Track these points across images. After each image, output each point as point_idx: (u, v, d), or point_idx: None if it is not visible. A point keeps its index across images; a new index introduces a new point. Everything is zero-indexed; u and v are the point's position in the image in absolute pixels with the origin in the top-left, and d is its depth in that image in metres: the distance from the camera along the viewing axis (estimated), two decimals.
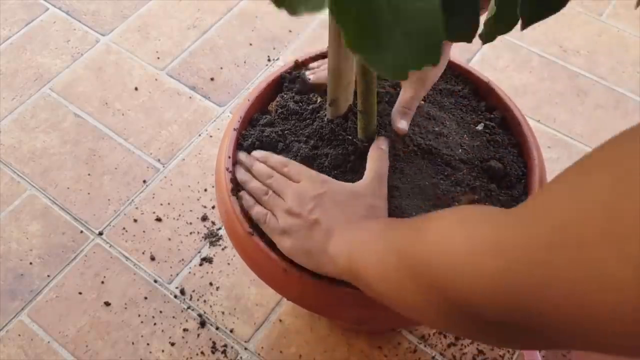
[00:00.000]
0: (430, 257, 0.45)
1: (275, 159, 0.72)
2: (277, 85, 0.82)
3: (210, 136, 1.12)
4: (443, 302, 0.43)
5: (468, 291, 0.40)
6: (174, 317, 0.93)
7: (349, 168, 0.71)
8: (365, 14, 0.40)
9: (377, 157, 0.69)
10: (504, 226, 0.39)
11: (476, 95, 0.82)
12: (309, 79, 0.79)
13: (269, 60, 1.22)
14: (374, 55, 0.41)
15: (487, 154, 0.76)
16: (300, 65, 0.83)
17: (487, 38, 0.55)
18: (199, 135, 1.12)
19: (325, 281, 0.66)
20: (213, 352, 0.90)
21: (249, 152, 0.76)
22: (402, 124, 0.71)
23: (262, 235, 0.69)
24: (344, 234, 0.61)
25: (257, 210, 0.69)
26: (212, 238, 1.00)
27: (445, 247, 0.43)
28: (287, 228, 0.65)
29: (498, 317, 0.38)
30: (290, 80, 0.81)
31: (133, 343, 0.91)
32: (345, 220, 0.63)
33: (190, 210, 1.03)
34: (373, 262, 0.54)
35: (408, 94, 0.72)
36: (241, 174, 0.72)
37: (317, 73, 0.79)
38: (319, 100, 0.78)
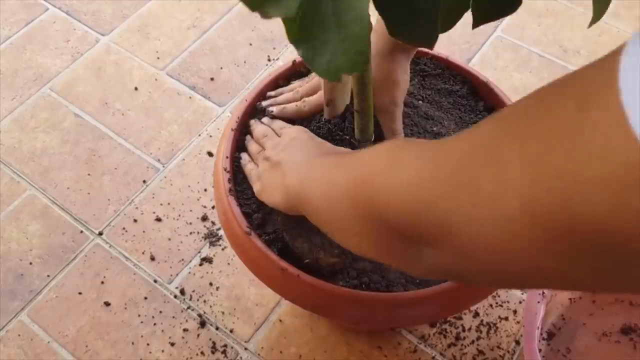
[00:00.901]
0: (362, 174, 0.48)
1: (277, 123, 0.75)
2: (276, 86, 0.82)
3: (210, 136, 1.12)
4: (367, 214, 0.46)
5: (388, 200, 0.43)
6: (173, 317, 0.93)
7: None
8: (310, 15, 0.42)
9: None
10: (422, 158, 0.42)
11: (475, 95, 0.82)
12: (272, 112, 0.78)
13: (269, 60, 1.22)
14: (312, 54, 0.44)
15: None
16: (298, 66, 0.83)
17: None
18: (199, 135, 1.12)
19: (323, 281, 0.66)
20: (213, 352, 0.90)
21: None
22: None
23: (260, 235, 0.69)
24: (299, 168, 0.63)
25: (248, 168, 0.73)
26: (212, 238, 1.00)
27: (376, 164, 0.47)
28: (260, 172, 0.69)
29: (407, 224, 0.41)
30: (260, 111, 0.80)
31: (133, 343, 0.91)
32: (305, 159, 0.64)
33: (190, 210, 1.03)
34: (320, 191, 0.57)
35: (388, 119, 0.73)
36: (247, 140, 0.76)
37: (281, 107, 0.78)
38: None
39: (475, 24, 0.54)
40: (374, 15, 0.48)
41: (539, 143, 0.31)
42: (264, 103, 0.79)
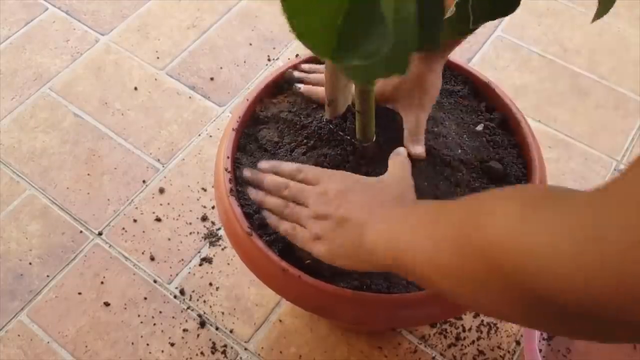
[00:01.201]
0: (502, 244, 0.41)
1: (286, 167, 0.69)
2: (276, 85, 0.81)
3: (210, 136, 1.12)
4: (520, 292, 0.40)
5: (551, 281, 0.37)
6: (173, 317, 0.93)
7: (347, 168, 0.71)
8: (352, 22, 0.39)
9: (398, 160, 0.68)
10: (585, 211, 0.36)
11: (476, 96, 0.82)
12: (299, 89, 0.78)
13: (268, 60, 1.22)
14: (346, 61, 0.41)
15: (486, 155, 0.75)
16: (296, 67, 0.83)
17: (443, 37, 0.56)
18: (199, 135, 1.12)
19: (323, 281, 0.66)
20: (213, 353, 0.90)
21: (247, 153, 0.76)
22: (418, 149, 0.71)
23: (261, 235, 0.69)
24: (378, 224, 0.58)
25: (284, 228, 0.66)
26: (212, 238, 1.00)
27: (521, 234, 0.40)
28: (318, 233, 0.62)
29: (586, 308, 0.36)
30: (287, 81, 0.80)
31: (133, 343, 0.91)
32: (376, 211, 0.60)
33: (190, 211, 1.03)
34: (423, 251, 0.51)
35: (412, 120, 0.72)
36: (254, 194, 0.69)
37: (310, 86, 0.78)
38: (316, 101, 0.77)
39: (475, 23, 0.54)
40: None
41: None
42: (296, 74, 0.78)
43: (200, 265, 0.98)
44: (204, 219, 1.02)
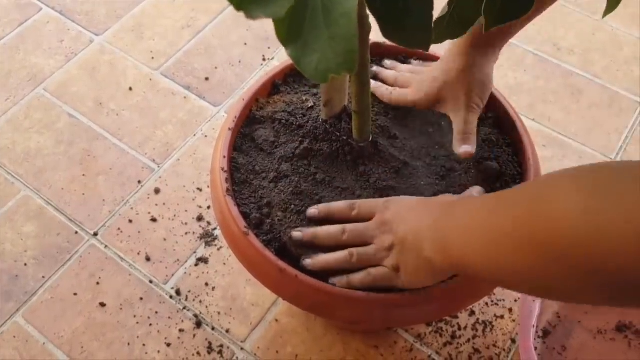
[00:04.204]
0: (572, 232, 0.39)
1: (336, 206, 0.66)
2: (273, 85, 0.82)
3: (205, 136, 1.12)
4: (595, 275, 0.39)
5: (632, 261, 0.36)
6: (169, 317, 0.93)
7: (344, 168, 0.71)
8: (300, 13, 0.40)
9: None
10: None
11: None
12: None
13: (264, 59, 1.22)
14: (301, 54, 0.41)
15: (482, 154, 0.76)
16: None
17: (436, 39, 0.55)
18: (194, 135, 1.12)
19: (320, 281, 0.66)
20: (209, 353, 0.90)
21: (243, 153, 0.76)
22: (463, 148, 0.71)
23: (258, 235, 0.69)
24: (431, 233, 0.57)
25: (359, 279, 0.64)
26: (208, 238, 1.00)
27: (589, 217, 0.38)
28: (395, 263, 0.62)
29: None
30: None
31: (129, 344, 0.91)
32: (426, 221, 0.59)
33: (186, 211, 1.03)
34: (482, 247, 0.49)
35: (459, 121, 0.72)
36: (310, 262, 0.66)
37: (376, 84, 0.77)
38: (311, 101, 0.78)
39: (487, 28, 0.53)
40: None
41: None
42: (375, 68, 0.79)
43: (196, 265, 0.98)
44: (200, 219, 1.02)
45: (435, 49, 0.64)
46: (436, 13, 0.54)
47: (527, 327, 0.80)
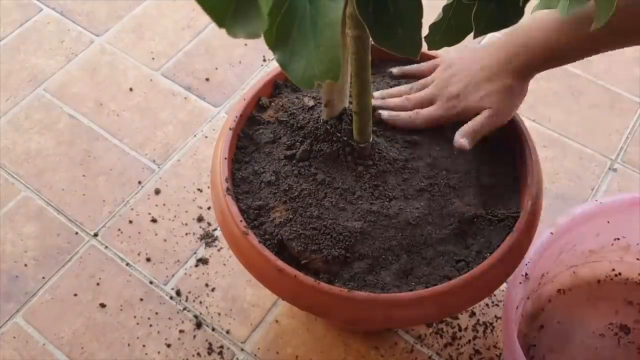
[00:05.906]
0: None
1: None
2: (274, 85, 0.82)
3: (206, 137, 1.12)
4: None
5: None
6: (169, 318, 0.93)
7: (344, 168, 0.71)
8: (289, 19, 0.42)
9: None
10: None
11: None
12: (380, 115, 0.76)
13: (264, 60, 1.22)
14: (288, 60, 0.43)
15: (482, 155, 0.76)
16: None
17: (432, 45, 0.56)
18: (194, 135, 1.12)
19: (319, 281, 0.66)
20: (209, 354, 0.90)
21: (243, 154, 0.76)
22: (462, 142, 0.73)
23: (257, 235, 0.69)
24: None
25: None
26: (208, 239, 1.00)
27: None
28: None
29: None
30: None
31: (129, 345, 0.91)
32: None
33: (186, 211, 1.03)
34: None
35: (477, 122, 0.73)
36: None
37: (395, 113, 0.76)
38: (312, 102, 0.77)
39: (475, 35, 0.54)
40: None
41: None
42: (376, 102, 0.77)
43: (196, 266, 0.97)
44: (200, 219, 1.02)
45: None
46: (431, 19, 0.55)
47: (511, 311, 0.77)
